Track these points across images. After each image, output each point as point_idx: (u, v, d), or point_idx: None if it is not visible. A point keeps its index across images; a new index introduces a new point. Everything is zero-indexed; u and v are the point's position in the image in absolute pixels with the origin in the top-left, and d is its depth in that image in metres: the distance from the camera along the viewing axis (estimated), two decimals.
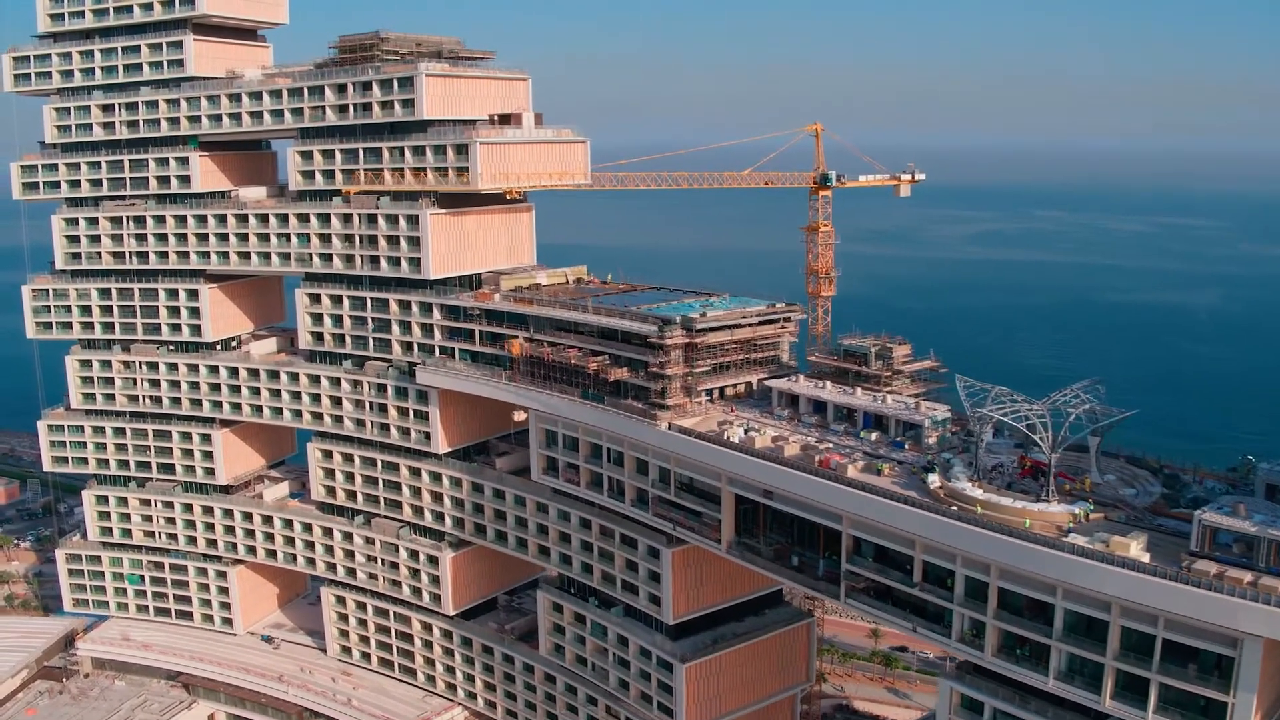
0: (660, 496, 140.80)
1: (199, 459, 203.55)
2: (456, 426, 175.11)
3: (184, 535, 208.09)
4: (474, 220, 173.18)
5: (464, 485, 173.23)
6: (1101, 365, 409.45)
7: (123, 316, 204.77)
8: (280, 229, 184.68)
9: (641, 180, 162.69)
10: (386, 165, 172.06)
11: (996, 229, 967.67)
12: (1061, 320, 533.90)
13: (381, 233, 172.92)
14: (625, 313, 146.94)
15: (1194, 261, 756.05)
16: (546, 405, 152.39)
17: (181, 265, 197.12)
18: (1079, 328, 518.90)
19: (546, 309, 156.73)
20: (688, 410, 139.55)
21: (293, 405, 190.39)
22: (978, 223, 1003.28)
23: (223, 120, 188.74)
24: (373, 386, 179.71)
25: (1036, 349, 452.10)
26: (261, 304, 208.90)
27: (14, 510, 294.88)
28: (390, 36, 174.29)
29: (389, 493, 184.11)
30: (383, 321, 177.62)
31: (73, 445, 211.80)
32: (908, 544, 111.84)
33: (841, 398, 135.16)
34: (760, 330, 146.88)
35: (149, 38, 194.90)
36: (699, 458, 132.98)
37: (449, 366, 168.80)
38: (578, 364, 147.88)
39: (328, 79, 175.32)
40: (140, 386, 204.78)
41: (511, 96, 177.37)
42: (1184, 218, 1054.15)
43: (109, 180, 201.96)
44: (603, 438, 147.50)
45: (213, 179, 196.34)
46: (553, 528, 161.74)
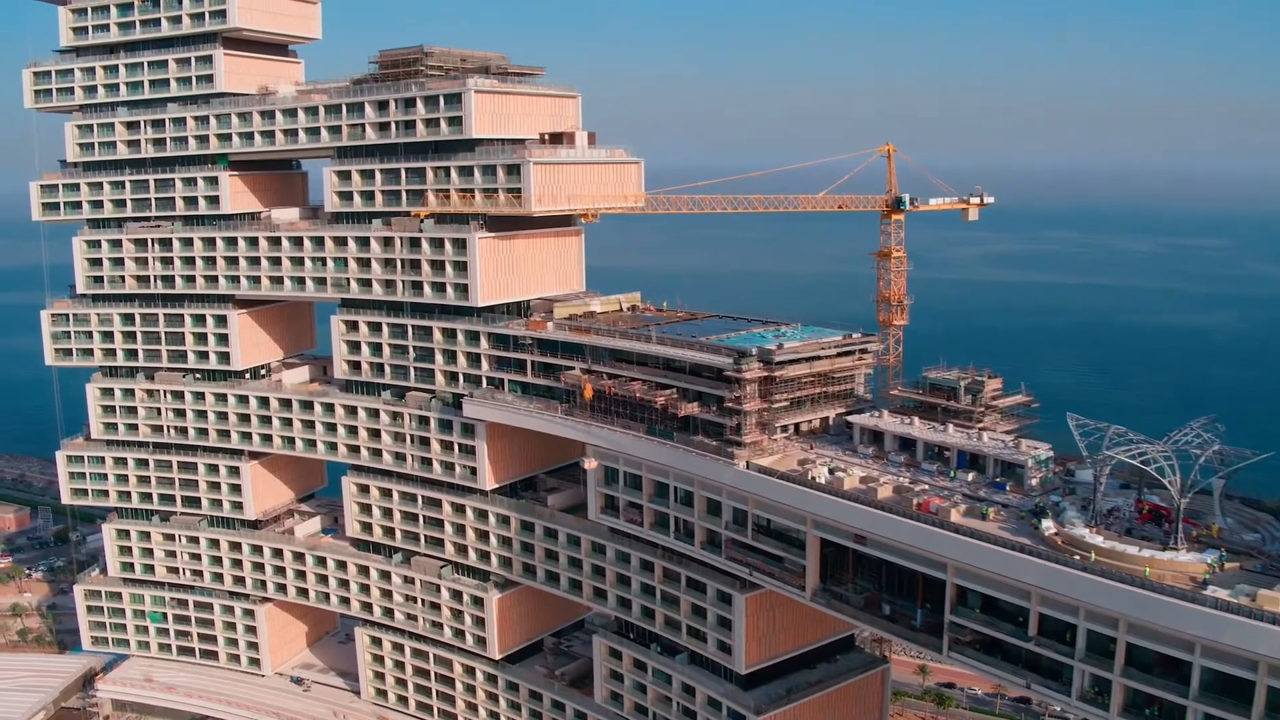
0: (735, 539, 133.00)
1: (226, 492, 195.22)
2: (504, 461, 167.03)
3: (209, 571, 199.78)
4: (523, 244, 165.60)
5: (512, 523, 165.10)
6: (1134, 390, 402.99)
7: (146, 343, 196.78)
8: (316, 252, 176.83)
9: (718, 203, 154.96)
10: (430, 186, 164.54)
11: (1007, 250, 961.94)
12: (1079, 342, 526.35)
13: (425, 257, 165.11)
14: (695, 343, 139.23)
15: (1209, 282, 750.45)
16: (608, 441, 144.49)
17: (209, 290, 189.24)
18: (1098, 349, 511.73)
19: (606, 338, 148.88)
20: (765, 448, 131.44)
21: (327, 437, 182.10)
22: (987, 244, 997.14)
23: (254, 138, 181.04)
24: (414, 418, 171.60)
25: (1062, 371, 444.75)
26: (291, 331, 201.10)
27: (25, 538, 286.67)
28: (434, 51, 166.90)
29: (430, 530, 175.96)
30: (425, 350, 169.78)
31: (93, 477, 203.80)
32: (1022, 595, 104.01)
33: (933, 435, 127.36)
34: (838, 362, 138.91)
35: (176, 52, 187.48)
36: (781, 499, 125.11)
37: (498, 398, 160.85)
38: (643, 398, 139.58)
39: (368, 95, 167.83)
40: (164, 416, 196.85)
41: (561, 115, 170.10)
42: (1191, 238, 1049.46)
43: (133, 200, 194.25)
44: (670, 476, 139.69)
45: (242, 200, 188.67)
46: (610, 569, 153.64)
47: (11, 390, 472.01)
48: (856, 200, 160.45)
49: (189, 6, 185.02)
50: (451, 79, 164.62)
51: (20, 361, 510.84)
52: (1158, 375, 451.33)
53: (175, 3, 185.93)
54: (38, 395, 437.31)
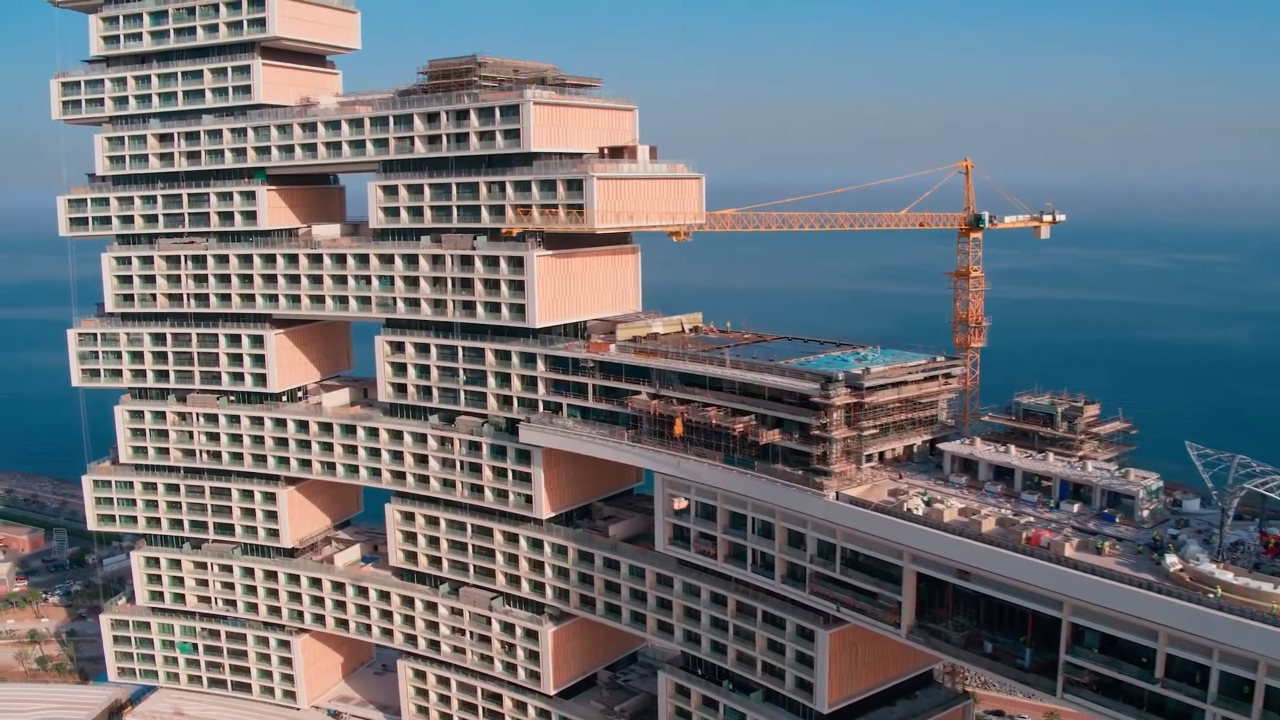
0: (820, 573, 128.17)
1: (261, 519, 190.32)
2: (560, 489, 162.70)
3: (243, 601, 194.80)
4: (580, 263, 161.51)
5: (570, 554, 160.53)
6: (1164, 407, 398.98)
7: (178, 364, 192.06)
8: (360, 270, 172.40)
9: (807, 221, 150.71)
10: (484, 202, 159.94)
11: (1017, 266, 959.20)
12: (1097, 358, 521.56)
13: (478, 276, 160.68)
14: (776, 368, 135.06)
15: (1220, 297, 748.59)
16: (680, 470, 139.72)
17: (246, 309, 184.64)
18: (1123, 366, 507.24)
19: (676, 361, 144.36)
20: (853, 478, 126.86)
21: (370, 463, 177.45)
22: (997, 260, 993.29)
23: (295, 152, 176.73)
24: (464, 444, 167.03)
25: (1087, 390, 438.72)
26: (328, 351, 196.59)
27: (40, 561, 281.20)
28: (488, 61, 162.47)
29: (480, 560, 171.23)
30: (477, 373, 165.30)
31: (121, 503, 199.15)
32: (1149, 635, 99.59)
33: (1033, 464, 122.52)
34: (924, 387, 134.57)
35: (212, 62, 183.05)
36: (875, 532, 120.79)
37: (556, 423, 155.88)
38: (720, 425, 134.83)
39: (417, 107, 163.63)
40: (197, 440, 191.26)
41: (618, 128, 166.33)
42: (1202, 253, 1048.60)
43: (165, 215, 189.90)
44: (748, 507, 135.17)
45: (279, 215, 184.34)
46: (678, 602, 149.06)
47: (23, 407, 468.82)
48: (936, 218, 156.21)
49: (226, 15, 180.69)
50: (505, 90, 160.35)
51: (31, 378, 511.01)
52: (1183, 392, 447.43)
53: (212, 11, 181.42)
54: (50, 412, 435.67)
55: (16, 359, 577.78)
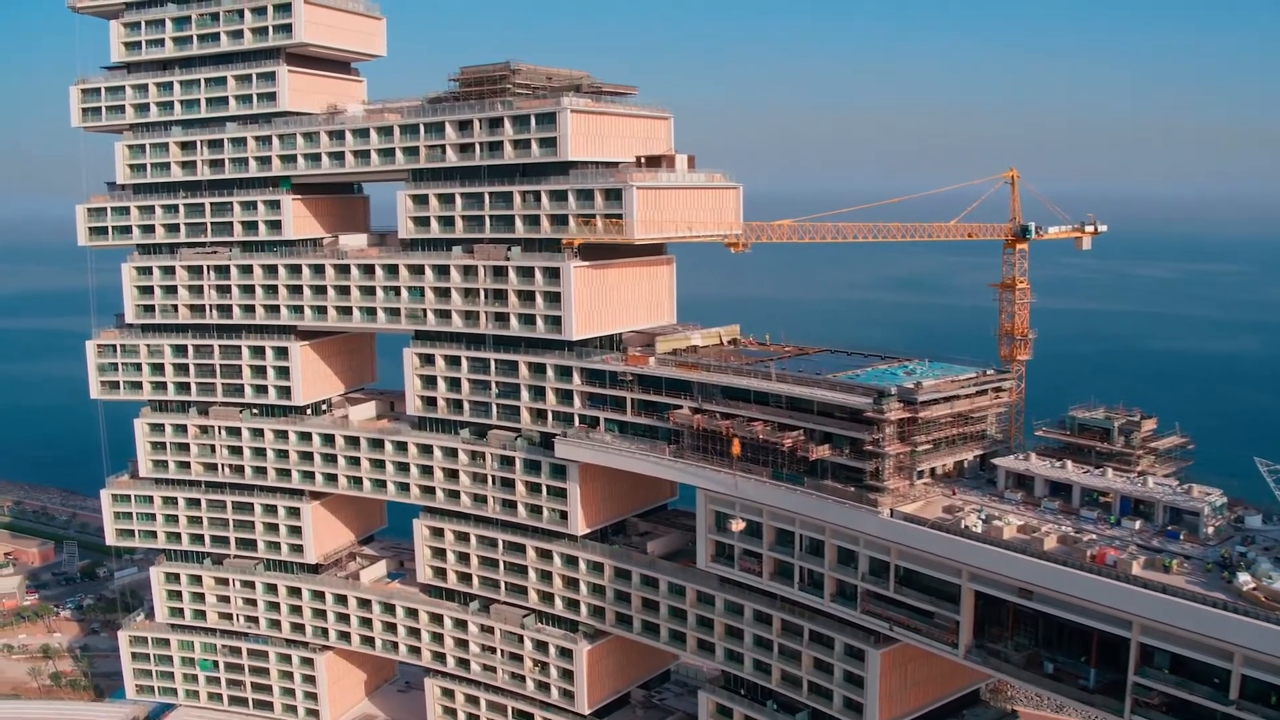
0: (872, 592, 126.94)
1: (285, 534, 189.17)
2: (596, 505, 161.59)
3: (265, 618, 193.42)
4: (616, 274, 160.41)
5: (606, 570, 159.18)
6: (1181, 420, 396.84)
7: (200, 376, 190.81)
8: (388, 281, 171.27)
9: (860, 232, 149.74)
10: (518, 211, 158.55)
11: (1044, 276, 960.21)
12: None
13: (512, 287, 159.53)
14: (826, 382, 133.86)
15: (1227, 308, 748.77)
16: (724, 486, 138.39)
17: (270, 320, 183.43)
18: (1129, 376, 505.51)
19: (720, 375, 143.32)
20: (906, 494, 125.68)
21: (398, 477, 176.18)
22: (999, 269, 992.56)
23: (322, 160, 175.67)
24: (496, 459, 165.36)
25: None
26: (352, 364, 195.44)
27: (50, 574, 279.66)
28: (521, 68, 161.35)
29: (512, 576, 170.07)
30: (510, 386, 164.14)
31: (140, 517, 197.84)
32: (1223, 655, 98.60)
33: (1093, 480, 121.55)
34: (976, 401, 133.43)
35: (236, 69, 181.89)
36: (932, 550, 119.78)
37: (593, 438, 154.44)
38: (767, 440, 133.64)
39: (449, 115, 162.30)
40: (219, 453, 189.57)
41: (653, 137, 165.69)
42: (1208, 263, 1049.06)
43: (187, 225, 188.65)
44: (796, 524, 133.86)
45: (304, 225, 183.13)
46: (719, 621, 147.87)
47: (29, 417, 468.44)
48: (984, 229, 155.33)
49: (251, 21, 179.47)
50: (539, 98, 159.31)
51: (36, 388, 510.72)
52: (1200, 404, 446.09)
53: (236, 17, 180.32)
54: (57, 423, 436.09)
55: (21, 369, 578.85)
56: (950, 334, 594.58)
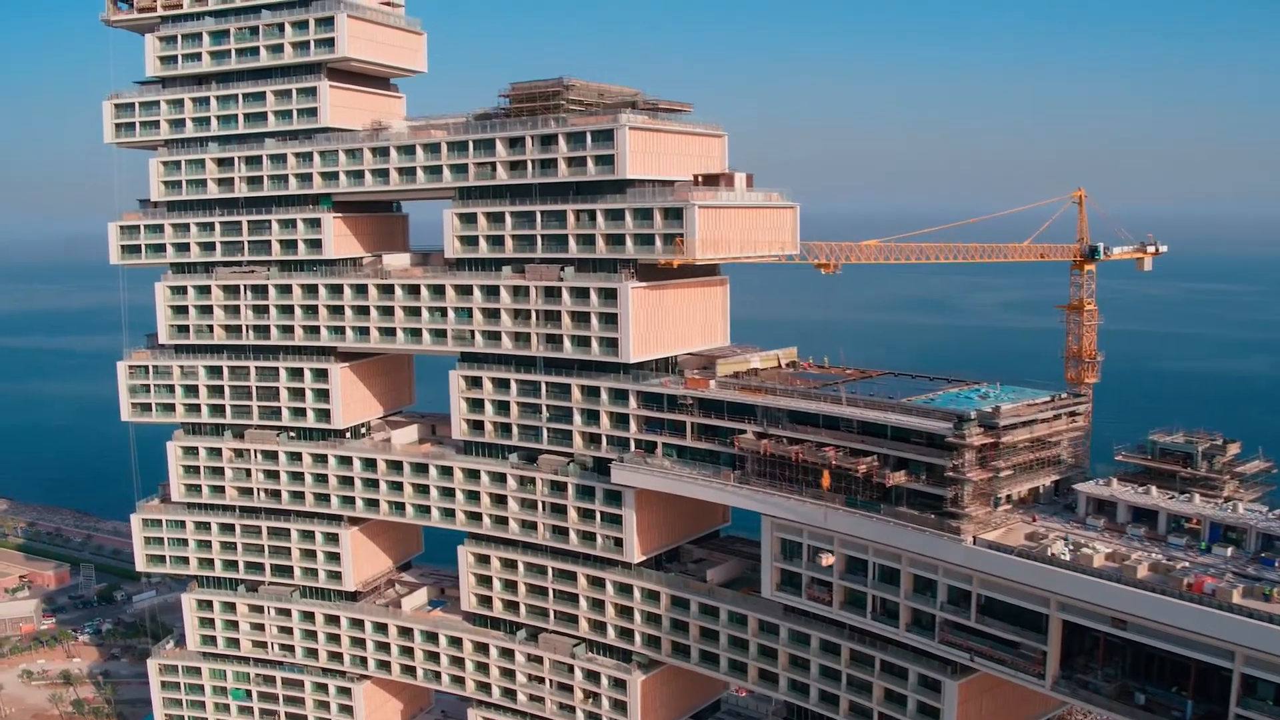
0: (952, 621, 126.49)
1: (322, 561, 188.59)
2: (651, 531, 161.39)
3: (302, 646, 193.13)
4: (672, 295, 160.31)
5: (663, 599, 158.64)
6: None
7: (235, 398, 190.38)
8: (434, 302, 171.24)
9: (942, 252, 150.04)
10: (572, 230, 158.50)
11: (1026, 296, 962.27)
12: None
13: (565, 308, 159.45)
14: (902, 406, 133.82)
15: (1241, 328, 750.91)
16: (794, 513, 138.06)
17: (309, 341, 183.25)
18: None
19: (787, 399, 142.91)
20: (987, 521, 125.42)
21: (443, 503, 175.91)
22: (1007, 290, 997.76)
23: (365, 177, 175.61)
24: (547, 484, 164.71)
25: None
26: (391, 386, 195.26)
27: (66, 597, 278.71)
28: (575, 84, 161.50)
29: (562, 604, 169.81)
30: (561, 410, 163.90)
31: (172, 543, 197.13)
32: None
33: (1180, 506, 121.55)
34: (1054, 425, 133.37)
35: (276, 84, 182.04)
36: (1019, 578, 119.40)
37: (650, 463, 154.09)
38: (840, 466, 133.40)
39: (499, 132, 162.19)
40: (254, 478, 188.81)
41: (708, 155, 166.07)
42: (1218, 283, 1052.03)
43: (223, 243, 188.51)
44: (869, 552, 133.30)
45: (345, 244, 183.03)
46: (783, 651, 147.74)
47: (41, 438, 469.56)
48: (1054, 250, 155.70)
49: (292, 35, 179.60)
50: (592, 114, 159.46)
51: (47, 408, 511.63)
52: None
53: (277, 31, 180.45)
54: (68, 443, 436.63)
55: (30, 388, 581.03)
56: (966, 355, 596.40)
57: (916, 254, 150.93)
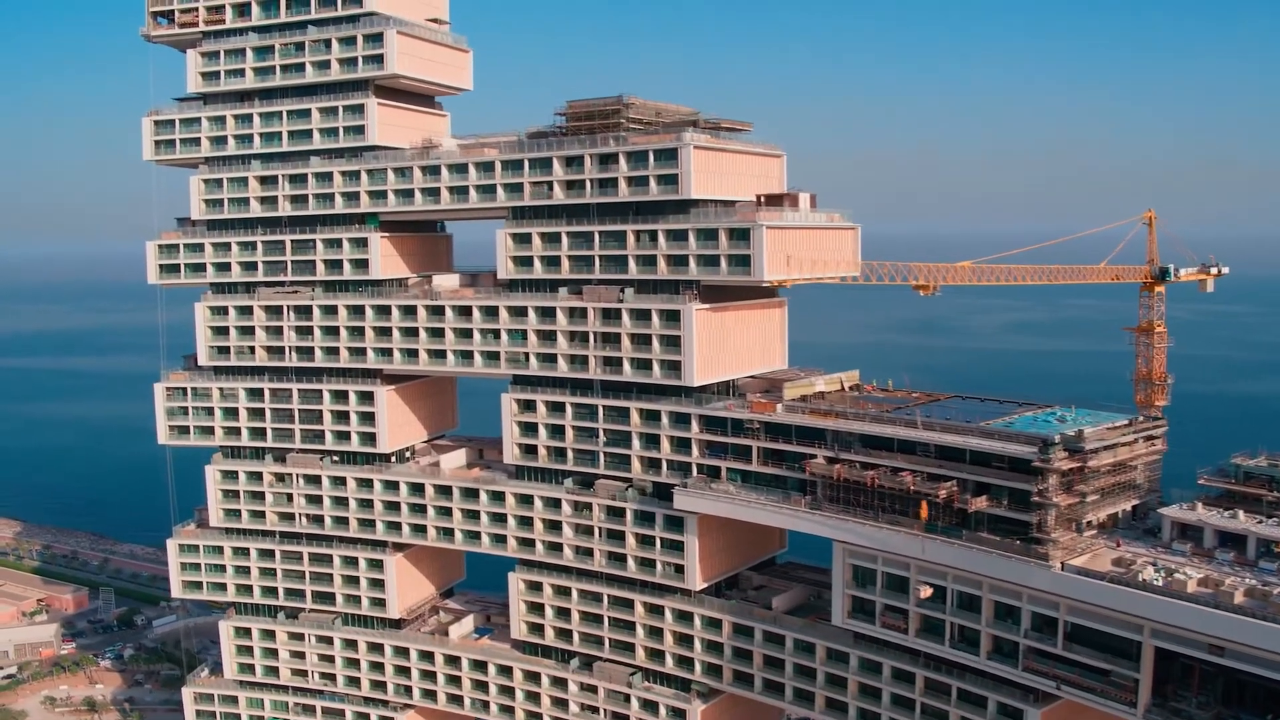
0: (1036, 649, 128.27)
1: (365, 588, 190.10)
2: (711, 558, 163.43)
3: (343, 675, 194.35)
4: (733, 317, 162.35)
5: (725, 627, 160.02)
6: None
7: (277, 421, 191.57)
8: (487, 323, 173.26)
9: (1028, 274, 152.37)
10: (632, 251, 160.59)
11: (1028, 318, 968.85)
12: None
13: (625, 330, 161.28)
14: (983, 430, 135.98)
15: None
16: (869, 539, 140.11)
17: (355, 363, 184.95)
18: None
19: (859, 423, 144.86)
20: (1073, 546, 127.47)
21: (494, 529, 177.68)
22: (1011, 311, 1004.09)
23: (415, 196, 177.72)
24: (603, 510, 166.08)
25: None
26: (434, 409, 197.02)
27: (85, 621, 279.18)
28: (634, 103, 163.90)
29: (617, 632, 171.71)
30: (619, 434, 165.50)
31: (209, 569, 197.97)
32: None
33: (1272, 530, 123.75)
34: (1135, 449, 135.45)
35: (321, 101, 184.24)
36: (1110, 605, 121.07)
37: (714, 488, 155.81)
38: (918, 491, 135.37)
39: (556, 150, 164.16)
40: (296, 503, 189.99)
41: (767, 175, 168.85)
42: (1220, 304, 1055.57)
43: (265, 263, 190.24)
44: (949, 579, 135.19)
45: (390, 264, 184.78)
46: (853, 679, 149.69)
47: (53, 459, 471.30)
48: (1128, 271, 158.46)
49: (339, 51, 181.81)
50: (651, 133, 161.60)
51: (58, 429, 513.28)
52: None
53: (323, 47, 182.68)
54: (80, 464, 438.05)
55: (40, 409, 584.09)
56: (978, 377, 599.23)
57: (1006, 275, 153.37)
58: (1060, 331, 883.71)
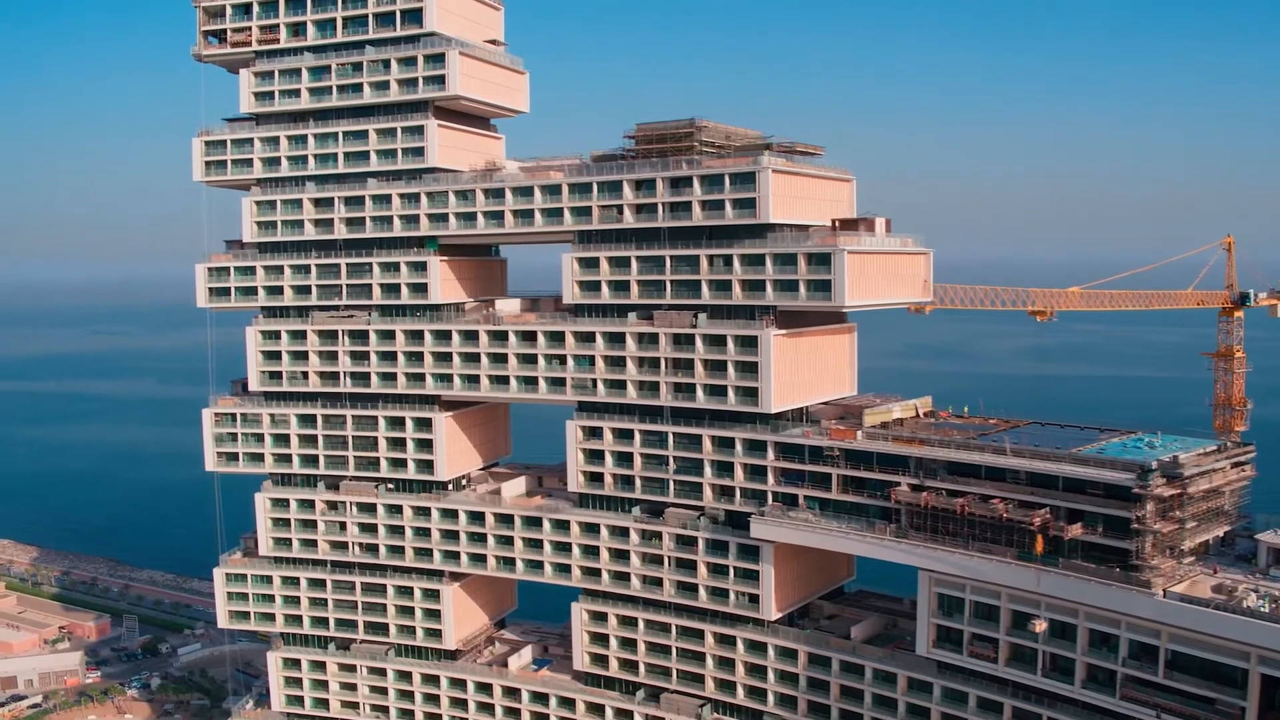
0: (1135, 677, 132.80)
1: (420, 618, 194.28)
2: (786, 587, 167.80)
3: (397, 707, 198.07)
4: (808, 342, 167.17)
5: (800, 657, 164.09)
6: None
7: (330, 448, 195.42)
8: (552, 349, 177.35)
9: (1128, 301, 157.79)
10: (705, 276, 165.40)
11: (1038, 342, 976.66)
12: None
13: (699, 356, 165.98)
14: (1077, 457, 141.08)
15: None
16: (959, 568, 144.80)
17: (413, 389, 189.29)
18: None
19: (945, 450, 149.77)
20: (1172, 574, 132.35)
21: (557, 558, 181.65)
22: (1019, 336, 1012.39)
23: (477, 220, 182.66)
24: (673, 538, 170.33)
25: None
26: (489, 436, 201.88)
27: (108, 650, 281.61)
28: (707, 126, 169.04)
29: (685, 663, 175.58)
30: (690, 462, 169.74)
31: (257, 599, 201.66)
32: None
33: None
34: (1228, 475, 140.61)
35: (379, 122, 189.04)
36: (1213, 632, 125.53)
37: (792, 516, 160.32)
38: (1011, 518, 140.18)
39: (626, 174, 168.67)
40: (349, 531, 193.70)
41: (837, 199, 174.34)
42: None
43: (319, 287, 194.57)
44: (1042, 607, 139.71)
45: (449, 288, 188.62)
46: (936, 710, 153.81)
47: (69, 483, 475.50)
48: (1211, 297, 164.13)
49: (399, 72, 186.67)
50: (722, 157, 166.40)
51: (70, 453, 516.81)
52: None
53: (382, 68, 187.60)
54: (94, 489, 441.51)
55: (49, 433, 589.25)
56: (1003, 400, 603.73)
57: (1109, 301, 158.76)
58: (1074, 356, 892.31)
